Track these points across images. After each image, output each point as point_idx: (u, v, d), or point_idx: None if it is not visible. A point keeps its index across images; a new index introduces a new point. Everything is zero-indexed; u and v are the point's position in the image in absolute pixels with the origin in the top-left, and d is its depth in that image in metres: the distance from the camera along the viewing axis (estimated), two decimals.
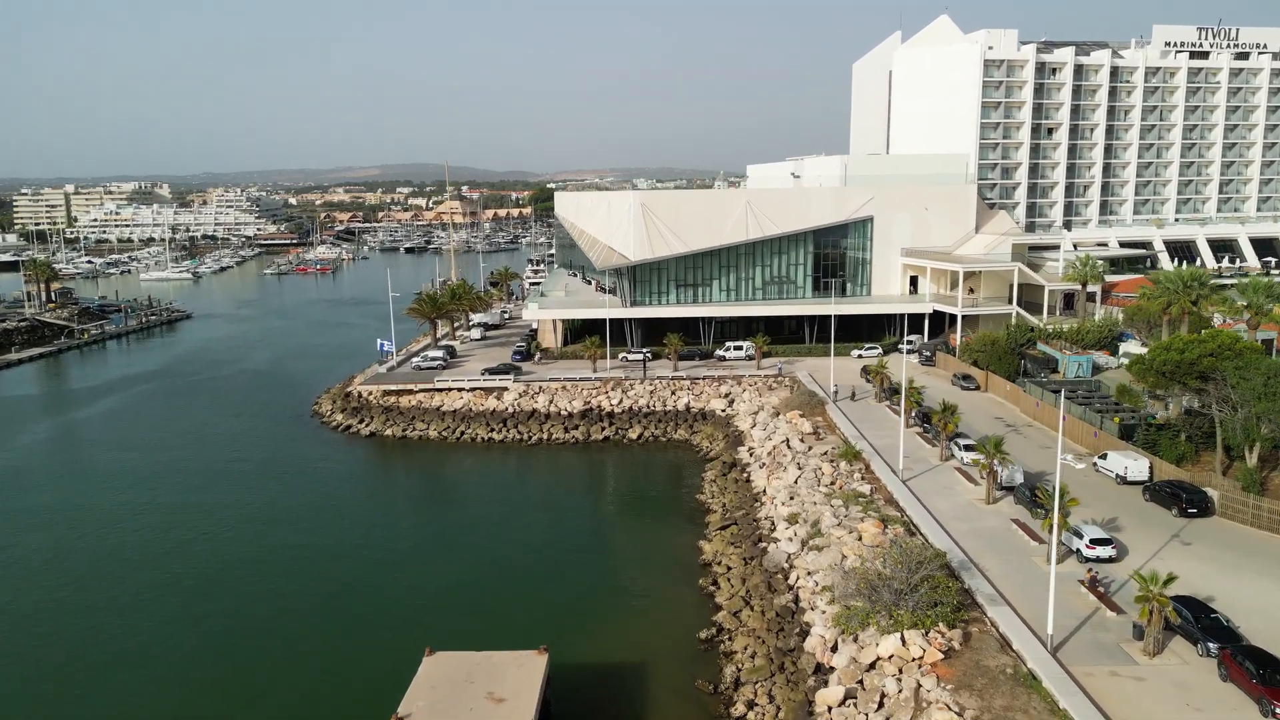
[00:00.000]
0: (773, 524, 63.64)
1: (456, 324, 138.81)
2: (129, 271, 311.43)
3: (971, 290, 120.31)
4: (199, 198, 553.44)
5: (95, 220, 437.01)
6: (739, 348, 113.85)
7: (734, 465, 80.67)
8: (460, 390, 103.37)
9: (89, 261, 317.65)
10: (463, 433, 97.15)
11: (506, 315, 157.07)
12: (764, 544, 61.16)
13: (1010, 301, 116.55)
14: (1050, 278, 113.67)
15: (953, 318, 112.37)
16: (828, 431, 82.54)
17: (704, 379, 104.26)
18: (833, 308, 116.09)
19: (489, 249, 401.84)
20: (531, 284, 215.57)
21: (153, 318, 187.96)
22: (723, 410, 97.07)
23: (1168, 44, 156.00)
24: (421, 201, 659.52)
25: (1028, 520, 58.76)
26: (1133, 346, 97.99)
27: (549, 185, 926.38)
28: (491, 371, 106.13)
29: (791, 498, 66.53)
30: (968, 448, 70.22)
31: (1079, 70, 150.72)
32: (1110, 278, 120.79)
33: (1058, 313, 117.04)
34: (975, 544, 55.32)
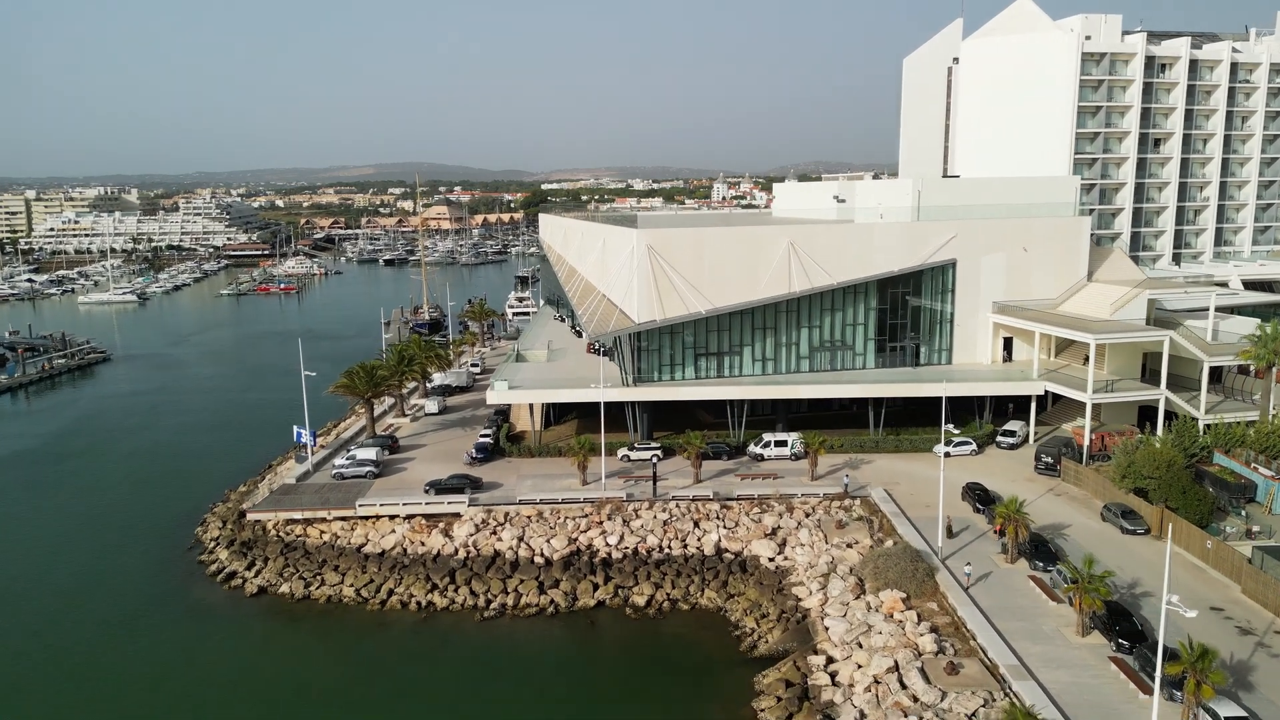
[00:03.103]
0: None
1: (409, 389, 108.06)
2: (72, 291, 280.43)
3: (1088, 360, 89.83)
4: (170, 202, 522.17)
5: (52, 230, 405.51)
6: (781, 443, 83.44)
7: (805, 696, 50.11)
8: (393, 517, 72.86)
9: (28, 280, 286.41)
10: (392, 592, 66.49)
11: (478, 369, 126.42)
12: None
13: (1144, 377, 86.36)
14: (1209, 348, 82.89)
15: (1055, 397, 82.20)
16: (953, 637, 51.91)
17: (738, 499, 73.77)
18: (909, 387, 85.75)
19: (475, 260, 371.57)
20: (515, 314, 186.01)
21: (60, 362, 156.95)
22: (771, 558, 66.47)
23: None
24: (408, 205, 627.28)
25: None
26: None
27: (544, 186, 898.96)
28: (439, 488, 75.50)
29: None
30: None
31: (1193, 67, 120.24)
32: None
33: (1207, 393, 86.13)
34: None
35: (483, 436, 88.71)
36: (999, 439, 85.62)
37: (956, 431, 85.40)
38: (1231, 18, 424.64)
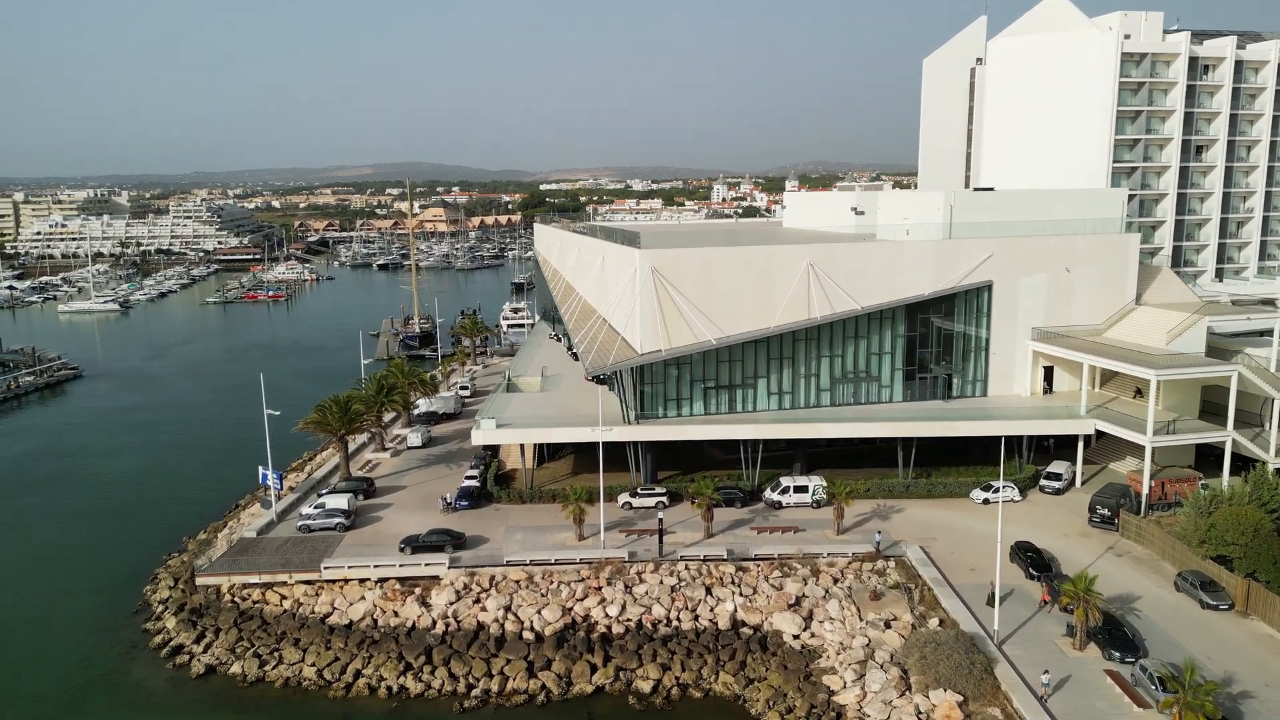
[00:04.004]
0: None
1: (388, 420, 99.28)
2: (54, 299, 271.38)
3: (1139, 393, 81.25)
4: (164, 203, 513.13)
5: (39, 234, 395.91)
6: (801, 488, 74.68)
7: None
8: (363, 581, 64.06)
9: (9, 288, 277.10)
10: (359, 673, 57.70)
11: (468, 392, 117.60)
12: None
13: (1203, 414, 77.76)
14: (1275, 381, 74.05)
15: (1098, 433, 73.47)
16: None
17: (756, 559, 64.97)
18: (943, 426, 77.10)
19: (471, 265, 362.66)
20: (510, 326, 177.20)
21: (28, 380, 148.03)
22: (796, 635, 57.66)
23: None
24: (405, 207, 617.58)
25: None
26: None
27: (542, 186, 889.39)
28: (416, 546, 66.68)
29: None
30: None
31: (1238, 68, 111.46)
32: None
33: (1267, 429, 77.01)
34: None
35: (468, 478, 79.99)
36: (1042, 483, 76.86)
37: (995, 482, 76.75)
38: (1275, 14, 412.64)
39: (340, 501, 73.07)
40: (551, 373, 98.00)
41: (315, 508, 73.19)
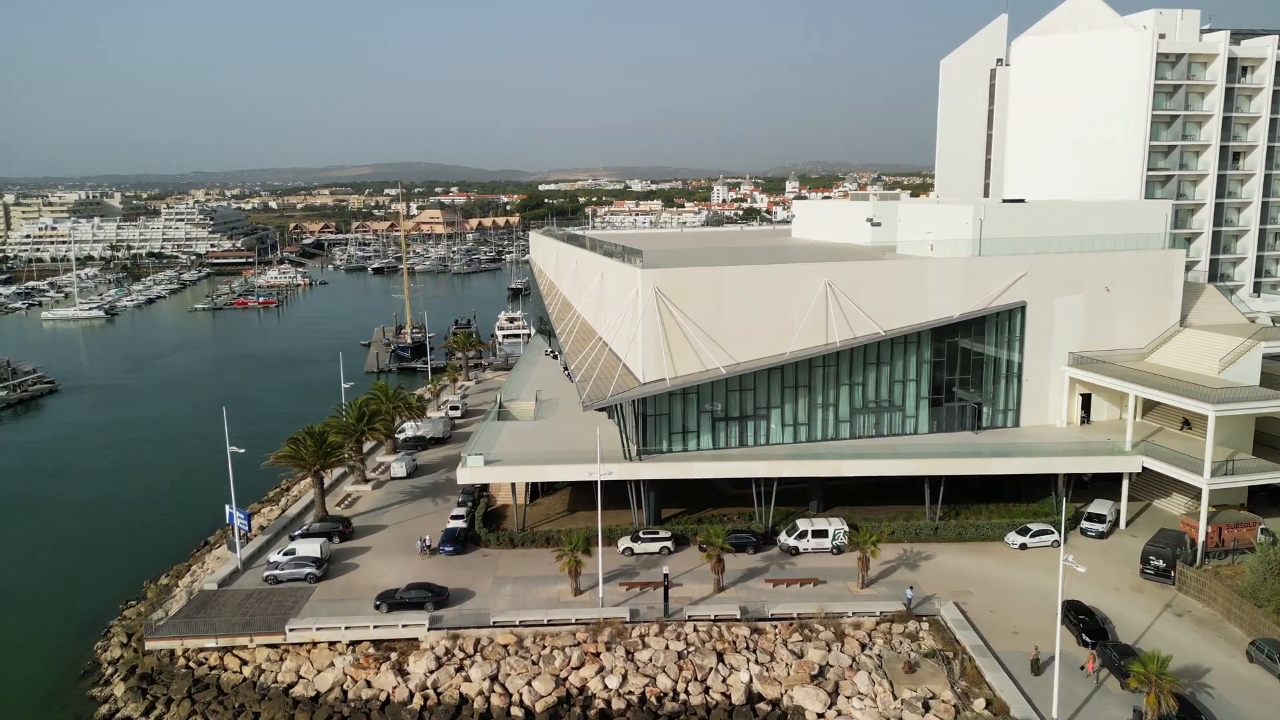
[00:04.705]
0: None
1: (369, 448, 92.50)
2: (39, 305, 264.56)
3: (1186, 424, 74.50)
4: (161, 203, 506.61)
5: (28, 237, 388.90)
6: (821, 533, 67.90)
7: None
8: (333, 644, 57.25)
9: None
10: None
11: (459, 412, 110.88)
12: None
13: (1253, 450, 71.05)
14: None
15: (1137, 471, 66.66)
16: None
17: (773, 619, 58.16)
18: (976, 464, 70.43)
19: (468, 269, 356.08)
20: (506, 337, 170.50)
21: (0, 394, 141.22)
22: (820, 714, 50.85)
23: None
24: (403, 207, 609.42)
25: None
26: None
27: (541, 186, 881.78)
28: (393, 603, 59.87)
29: None
30: None
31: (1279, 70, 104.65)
32: None
33: None
34: None
35: (453, 518, 73.28)
36: (1084, 525, 70.12)
37: (1032, 524, 70.12)
38: None
39: (311, 548, 66.22)
40: (547, 396, 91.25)
41: (284, 554, 66.35)
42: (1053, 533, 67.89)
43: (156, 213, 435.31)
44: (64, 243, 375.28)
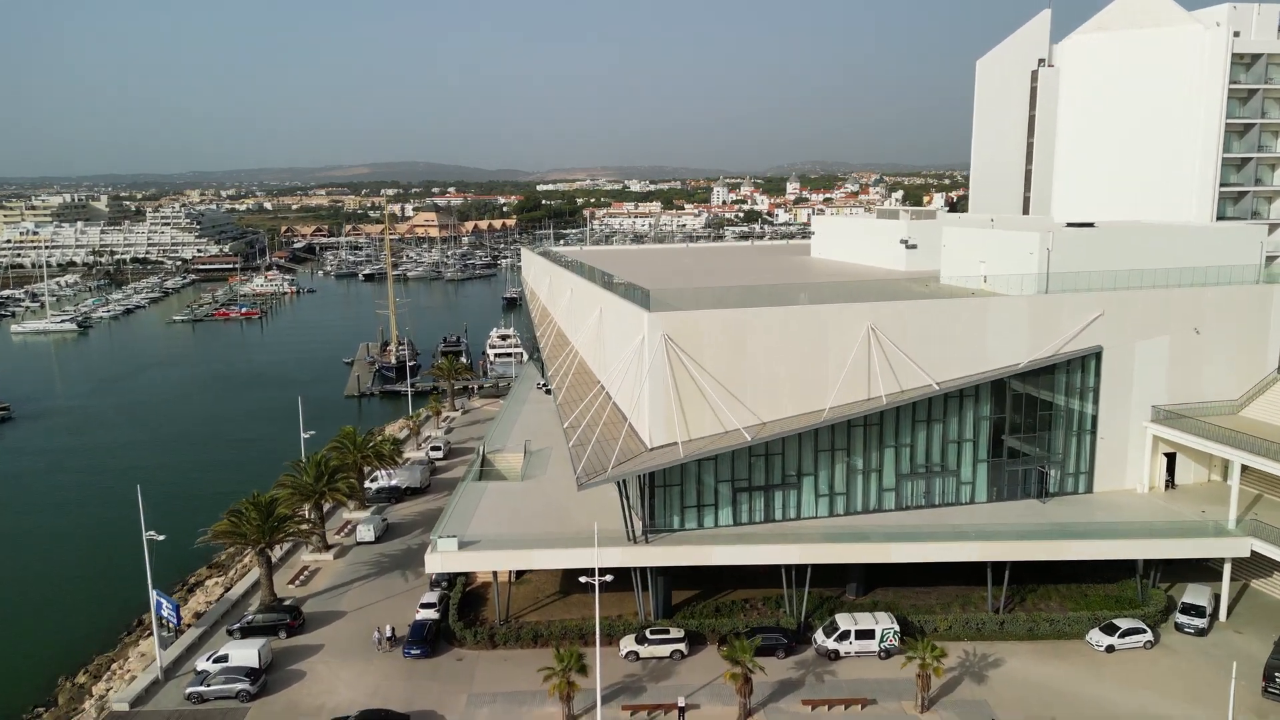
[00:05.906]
0: None
1: (329, 509, 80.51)
2: (11, 315, 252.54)
3: None
4: (152, 205, 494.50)
5: (9, 241, 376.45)
6: (866, 633, 56.15)
7: None
8: None
9: None
10: None
11: (442, 453, 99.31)
12: None
13: None
14: None
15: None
16: None
17: None
18: (1050, 547, 58.92)
19: (462, 275, 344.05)
20: (497, 356, 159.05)
21: None
22: None
23: None
24: (398, 209, 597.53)
25: None
26: None
27: (539, 186, 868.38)
28: None
29: None
30: None
31: None
32: None
33: None
34: None
35: (423, 606, 61.49)
36: (1179, 618, 58.42)
37: (1119, 620, 58.44)
38: None
39: (248, 654, 54.39)
40: (538, 446, 79.51)
41: (215, 660, 54.58)
42: (1145, 632, 56.25)
43: (142, 216, 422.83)
44: (46, 248, 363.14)
